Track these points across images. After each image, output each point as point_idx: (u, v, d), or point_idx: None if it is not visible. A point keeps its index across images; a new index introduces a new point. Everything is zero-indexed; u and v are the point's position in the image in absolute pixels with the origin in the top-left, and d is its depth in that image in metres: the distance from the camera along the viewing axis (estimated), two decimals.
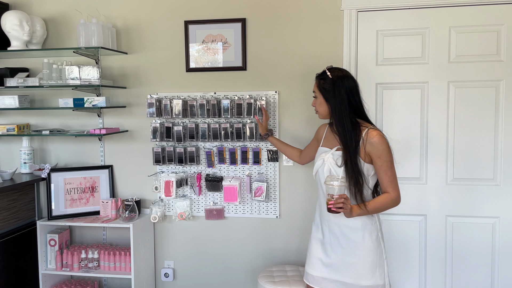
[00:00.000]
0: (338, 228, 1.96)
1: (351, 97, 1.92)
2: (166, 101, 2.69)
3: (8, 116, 2.99)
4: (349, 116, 1.90)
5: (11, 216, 2.65)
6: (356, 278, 1.92)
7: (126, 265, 2.65)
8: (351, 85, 1.93)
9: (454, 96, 2.53)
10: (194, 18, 2.73)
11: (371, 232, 1.94)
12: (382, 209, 1.91)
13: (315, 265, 2.03)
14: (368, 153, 1.89)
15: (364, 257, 1.92)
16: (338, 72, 1.96)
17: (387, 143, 1.90)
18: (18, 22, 2.66)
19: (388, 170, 1.88)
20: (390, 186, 1.90)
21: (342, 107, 1.90)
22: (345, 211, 1.80)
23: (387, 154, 1.88)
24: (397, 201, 1.92)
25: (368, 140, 1.88)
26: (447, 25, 2.50)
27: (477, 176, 2.54)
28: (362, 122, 1.94)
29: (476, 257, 2.57)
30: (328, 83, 1.94)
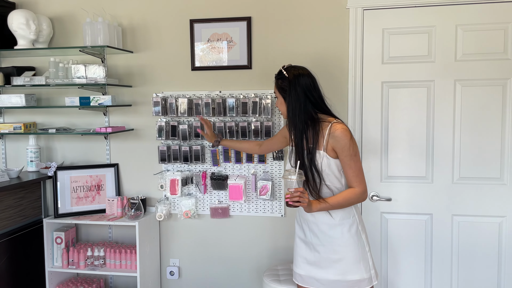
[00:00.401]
0: (316, 227, 1.98)
1: (309, 94, 1.93)
2: (172, 99, 2.69)
3: (15, 115, 3.01)
4: (307, 113, 1.91)
5: (18, 214, 2.67)
6: (341, 274, 1.94)
7: (132, 263, 2.67)
8: (307, 82, 1.94)
9: (460, 95, 2.51)
10: (199, 17, 2.73)
11: (350, 226, 1.95)
12: (346, 204, 1.91)
13: (301, 264, 2.05)
14: (333, 148, 1.89)
15: (346, 253, 1.93)
16: (293, 70, 1.97)
17: (349, 136, 1.89)
18: (25, 21, 2.67)
19: (352, 164, 1.88)
20: (355, 181, 1.89)
21: (297, 105, 1.91)
22: (302, 205, 1.80)
23: (349, 147, 1.87)
24: (363, 196, 1.91)
25: (331, 134, 1.89)
26: (454, 23, 2.49)
27: (484, 175, 2.52)
28: (326, 117, 1.95)
29: (483, 257, 2.56)
30: (285, 82, 1.95)
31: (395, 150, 2.60)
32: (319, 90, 1.98)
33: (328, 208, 1.90)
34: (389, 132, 2.60)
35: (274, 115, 2.68)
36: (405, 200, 2.61)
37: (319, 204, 1.88)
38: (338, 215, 1.94)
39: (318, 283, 1.99)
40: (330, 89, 2.63)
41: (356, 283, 1.94)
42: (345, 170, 1.91)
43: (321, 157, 1.91)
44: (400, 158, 2.59)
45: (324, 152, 1.90)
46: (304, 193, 1.80)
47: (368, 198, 2.63)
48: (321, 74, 2.62)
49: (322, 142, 1.91)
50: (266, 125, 2.62)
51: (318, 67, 2.63)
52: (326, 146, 1.90)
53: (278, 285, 2.33)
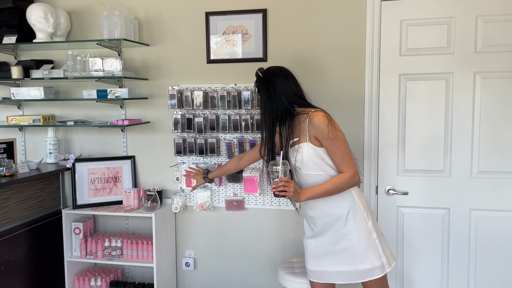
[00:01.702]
0: (320, 220, 1.99)
1: (284, 91, 1.97)
2: (187, 92, 2.70)
3: (34, 107, 3.06)
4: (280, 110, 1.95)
5: (38, 205, 2.73)
6: (351, 264, 1.93)
7: (149, 254, 2.70)
8: (279, 81, 1.98)
9: (480, 87, 2.46)
10: (215, 9, 2.73)
11: (354, 215, 1.94)
12: (336, 190, 1.90)
13: (311, 260, 2.06)
14: (315, 136, 1.90)
15: (352, 241, 1.93)
16: (267, 71, 2.05)
17: (327, 120, 1.89)
18: (43, 14, 2.71)
19: (335, 149, 1.88)
20: (342, 165, 1.89)
21: (268, 103, 1.97)
22: (288, 194, 1.81)
23: (328, 132, 1.87)
24: (354, 180, 1.90)
25: (310, 123, 1.90)
26: (474, 14, 2.43)
27: (503, 169, 2.48)
28: (304, 110, 1.97)
29: (501, 252, 2.52)
30: (259, 82, 2.04)
31: (412, 143, 2.57)
32: (294, 87, 2.01)
33: (317, 195, 1.90)
34: (406, 125, 2.57)
35: None
36: (422, 194, 2.58)
37: (308, 192, 1.89)
38: (340, 204, 1.95)
39: (331, 277, 1.99)
40: (346, 81, 2.61)
41: (368, 272, 1.93)
42: (330, 155, 1.91)
43: (306, 148, 1.92)
44: (417, 152, 2.56)
45: (309, 143, 1.92)
46: (290, 182, 1.81)
47: (384, 192, 2.61)
48: (338, 66, 2.61)
49: (305, 133, 1.93)
50: None
51: (335, 59, 2.61)
52: (309, 136, 1.92)
53: (293, 278, 2.33)
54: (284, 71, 2.04)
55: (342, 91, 2.61)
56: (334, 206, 1.96)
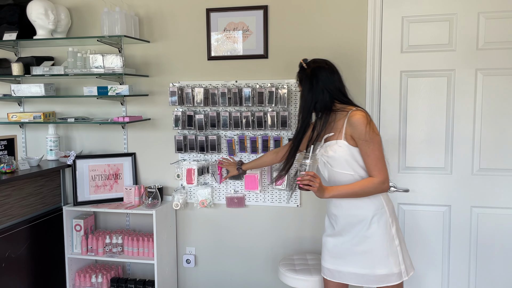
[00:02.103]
0: (343, 219, 1.96)
1: (327, 86, 1.93)
2: (188, 89, 2.70)
3: (35, 104, 3.06)
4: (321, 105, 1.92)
5: (38, 202, 2.73)
6: (369, 267, 1.90)
7: (149, 250, 2.70)
8: (324, 74, 1.94)
9: (482, 84, 2.46)
10: (215, 6, 2.72)
11: (379, 219, 1.90)
12: (362, 193, 1.87)
13: (327, 258, 2.04)
14: (351, 135, 1.87)
15: (374, 245, 1.90)
16: (312, 63, 1.99)
17: (367, 121, 1.85)
18: (44, 11, 2.70)
19: (369, 151, 1.84)
20: (373, 170, 1.85)
21: (308, 96, 1.93)
22: (312, 188, 1.79)
23: (366, 134, 1.83)
24: (382, 186, 1.86)
25: (348, 122, 1.87)
26: (476, 10, 2.42)
27: (504, 167, 2.47)
28: (344, 107, 1.94)
29: (502, 249, 2.52)
30: (303, 74, 1.99)
31: (414, 141, 2.56)
32: (338, 82, 1.97)
33: (342, 195, 1.88)
34: (407, 122, 2.56)
35: (290, 105, 2.67)
36: (423, 191, 2.58)
37: (333, 191, 1.86)
38: (366, 207, 1.91)
39: (346, 277, 1.96)
40: (348, 78, 2.58)
41: (384, 278, 1.89)
42: (364, 157, 1.87)
43: (340, 145, 1.89)
44: (419, 149, 2.56)
45: (343, 141, 1.88)
46: (316, 178, 1.79)
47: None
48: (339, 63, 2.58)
49: (342, 131, 1.90)
50: (282, 115, 2.61)
51: (336, 56, 2.59)
52: (345, 134, 1.88)
53: (293, 275, 2.33)
54: (329, 64, 1.99)
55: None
56: (360, 208, 1.92)
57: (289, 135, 2.68)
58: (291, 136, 2.67)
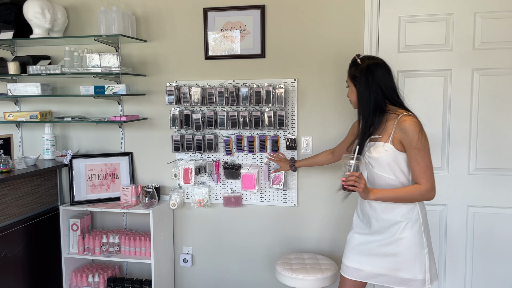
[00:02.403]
0: (376, 222, 1.93)
1: (382, 84, 1.87)
2: (185, 89, 2.70)
3: (31, 103, 3.05)
4: (375, 103, 1.86)
5: (35, 201, 2.72)
6: (393, 270, 1.88)
7: (146, 250, 2.70)
8: (381, 72, 1.88)
9: (478, 84, 2.47)
10: (213, 5, 2.72)
11: (413, 224, 1.87)
12: (407, 199, 1.83)
13: (350, 255, 2.01)
14: (400, 140, 1.82)
15: (403, 250, 1.86)
16: (367, 59, 1.93)
17: (419, 129, 1.80)
18: (40, 10, 2.69)
19: (420, 159, 1.79)
20: (421, 177, 1.80)
21: (366, 93, 1.87)
22: (357, 190, 1.76)
23: (417, 141, 1.79)
24: (429, 194, 1.82)
25: (399, 127, 1.82)
26: (472, 10, 2.43)
27: (501, 166, 2.48)
28: (395, 109, 1.89)
29: (498, 248, 2.53)
30: (358, 70, 1.91)
31: None
32: (393, 82, 1.92)
33: (387, 199, 1.83)
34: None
35: (287, 104, 2.67)
36: None
37: (378, 193, 1.82)
38: (401, 212, 1.87)
39: (367, 276, 1.94)
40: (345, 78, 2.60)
41: (407, 282, 1.87)
42: (412, 165, 1.82)
43: (386, 149, 1.85)
44: None
45: (389, 145, 1.84)
46: (361, 179, 1.75)
47: None
48: (336, 63, 2.61)
49: (390, 134, 1.85)
50: (279, 115, 2.61)
51: (333, 56, 2.61)
52: (392, 138, 1.84)
53: (290, 274, 2.34)
54: (384, 62, 1.93)
55: (340, 87, 2.61)
56: (395, 213, 1.88)
57: (287, 134, 2.69)
58: (289, 135, 2.67)
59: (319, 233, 2.74)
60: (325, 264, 2.46)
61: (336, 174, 2.66)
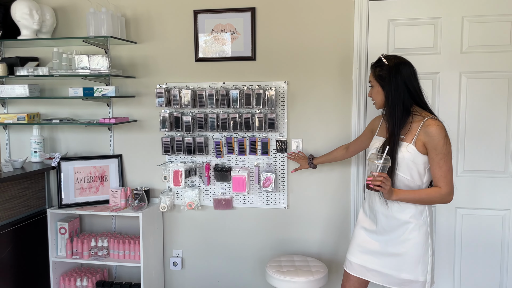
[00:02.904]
0: (385, 219, 1.93)
1: (409, 84, 1.87)
2: (175, 91, 2.69)
3: (19, 105, 3.01)
4: (403, 104, 1.86)
5: (22, 204, 2.68)
6: (396, 270, 1.90)
7: (135, 253, 2.68)
8: (408, 72, 1.87)
9: (466, 87, 2.50)
10: (203, 7, 2.72)
11: (420, 226, 1.88)
12: (427, 201, 1.85)
13: (355, 251, 2.02)
14: (423, 143, 1.83)
15: (409, 250, 1.88)
16: (394, 59, 1.91)
17: (444, 134, 1.81)
18: (28, 11, 2.67)
19: (442, 164, 1.81)
20: (442, 181, 1.82)
21: (396, 94, 1.86)
22: (383, 190, 1.76)
23: (442, 146, 1.80)
24: (448, 198, 1.84)
25: (424, 130, 1.82)
26: (460, 14, 2.47)
27: (488, 168, 2.52)
28: (421, 111, 1.89)
29: (486, 250, 2.56)
30: (385, 70, 1.89)
31: None
32: (418, 83, 1.90)
33: (408, 200, 1.84)
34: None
35: (278, 106, 2.67)
36: None
37: (401, 193, 1.83)
38: (411, 212, 1.88)
39: (370, 274, 1.96)
40: (335, 81, 2.62)
41: (408, 283, 1.89)
42: (433, 168, 1.83)
43: (408, 150, 1.84)
44: None
45: (412, 146, 1.84)
46: (388, 179, 1.76)
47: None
48: (326, 66, 2.62)
49: (413, 135, 1.84)
50: (270, 117, 2.61)
51: (323, 58, 2.62)
52: (416, 140, 1.84)
53: (281, 276, 2.33)
54: (411, 63, 1.91)
55: (330, 90, 2.63)
56: (404, 213, 1.89)
57: (277, 136, 2.69)
58: (279, 137, 2.68)
59: (309, 235, 2.74)
60: (315, 266, 2.46)
61: (328, 177, 2.67)
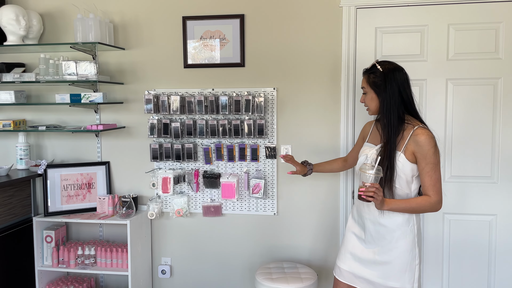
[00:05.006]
0: (373, 226, 1.93)
1: (402, 91, 1.86)
2: (164, 97, 2.67)
3: (4, 112, 2.96)
4: (398, 111, 1.85)
5: (7, 212, 2.64)
6: (383, 278, 1.90)
7: (123, 261, 2.64)
8: (402, 78, 1.87)
9: (452, 94, 2.53)
10: (192, 14, 2.72)
11: (407, 234, 1.88)
12: (418, 210, 1.85)
13: (345, 259, 2.02)
14: (413, 152, 1.83)
15: (395, 258, 1.88)
16: (388, 65, 1.91)
17: (434, 144, 1.82)
18: (15, 16, 2.64)
19: (432, 173, 1.81)
20: (432, 190, 1.82)
21: (392, 101, 1.85)
22: (375, 200, 1.75)
23: (432, 155, 1.81)
24: (437, 206, 1.84)
25: (414, 139, 1.82)
26: (446, 22, 2.50)
27: (475, 174, 2.54)
28: (411, 119, 1.88)
29: (473, 255, 2.58)
30: (379, 76, 1.88)
31: None
32: (411, 89, 1.90)
33: (399, 209, 1.84)
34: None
35: (267, 113, 2.68)
36: None
37: (392, 203, 1.82)
38: (397, 220, 1.88)
39: (357, 281, 1.96)
40: (323, 87, 2.64)
41: None
42: (423, 177, 1.83)
43: (398, 158, 1.84)
44: None
45: (402, 154, 1.84)
46: (380, 190, 1.75)
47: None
48: (314, 73, 2.63)
49: (403, 144, 1.84)
50: (259, 123, 2.61)
51: (312, 65, 2.64)
52: (405, 149, 1.84)
53: (270, 283, 2.32)
54: (404, 69, 1.90)
55: (319, 96, 2.64)
56: (391, 220, 1.89)
57: (266, 143, 2.69)
58: (268, 144, 2.68)
59: (299, 242, 2.74)
60: (305, 273, 2.46)
61: (317, 184, 2.68)
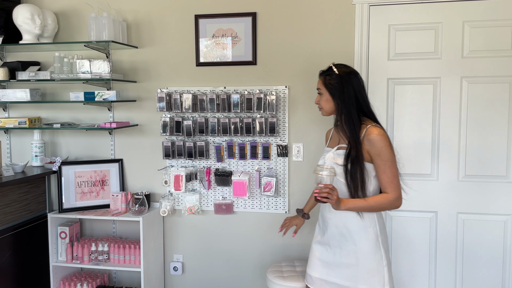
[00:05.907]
0: (336, 229, 1.94)
1: (358, 93, 1.89)
2: (176, 95, 2.69)
3: (20, 109, 3.01)
4: (356, 112, 1.87)
5: (23, 209, 2.68)
6: (353, 281, 1.89)
7: (136, 258, 2.67)
8: (357, 81, 1.90)
9: (467, 92, 2.49)
10: (204, 12, 2.72)
11: (369, 235, 1.88)
12: (376, 208, 1.85)
13: (314, 266, 2.02)
14: (367, 151, 1.84)
15: (360, 260, 1.88)
16: (344, 68, 1.93)
17: (386, 140, 1.83)
18: (30, 15, 2.67)
19: (387, 170, 1.82)
20: (389, 187, 1.83)
21: (350, 103, 1.87)
22: (330, 201, 1.76)
23: (385, 152, 1.82)
24: (396, 203, 1.85)
25: (367, 138, 1.83)
26: (461, 19, 2.47)
27: (490, 173, 2.51)
28: (365, 120, 1.90)
29: (487, 255, 2.55)
30: (335, 79, 1.90)
31: (400, 147, 2.57)
32: (366, 91, 1.94)
33: (357, 209, 1.85)
34: (394, 129, 2.59)
35: (278, 111, 2.67)
36: (409, 197, 2.57)
37: (349, 203, 1.83)
38: (358, 222, 1.88)
39: (329, 286, 1.95)
40: None
41: None
42: (379, 175, 1.84)
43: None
44: (405, 155, 2.57)
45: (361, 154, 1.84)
46: (334, 190, 1.76)
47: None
48: None
49: None
50: (270, 121, 2.61)
51: (324, 64, 2.61)
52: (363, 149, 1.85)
53: (282, 282, 2.32)
54: (356, 71, 1.94)
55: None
56: (352, 220, 1.89)
57: (278, 141, 2.69)
58: (280, 142, 2.67)
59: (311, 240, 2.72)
60: None
61: None
